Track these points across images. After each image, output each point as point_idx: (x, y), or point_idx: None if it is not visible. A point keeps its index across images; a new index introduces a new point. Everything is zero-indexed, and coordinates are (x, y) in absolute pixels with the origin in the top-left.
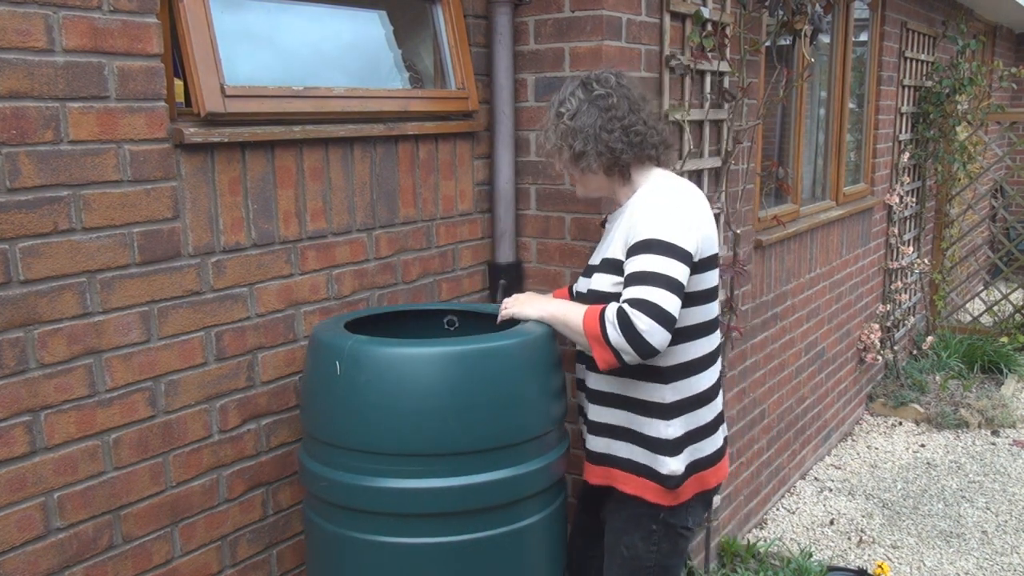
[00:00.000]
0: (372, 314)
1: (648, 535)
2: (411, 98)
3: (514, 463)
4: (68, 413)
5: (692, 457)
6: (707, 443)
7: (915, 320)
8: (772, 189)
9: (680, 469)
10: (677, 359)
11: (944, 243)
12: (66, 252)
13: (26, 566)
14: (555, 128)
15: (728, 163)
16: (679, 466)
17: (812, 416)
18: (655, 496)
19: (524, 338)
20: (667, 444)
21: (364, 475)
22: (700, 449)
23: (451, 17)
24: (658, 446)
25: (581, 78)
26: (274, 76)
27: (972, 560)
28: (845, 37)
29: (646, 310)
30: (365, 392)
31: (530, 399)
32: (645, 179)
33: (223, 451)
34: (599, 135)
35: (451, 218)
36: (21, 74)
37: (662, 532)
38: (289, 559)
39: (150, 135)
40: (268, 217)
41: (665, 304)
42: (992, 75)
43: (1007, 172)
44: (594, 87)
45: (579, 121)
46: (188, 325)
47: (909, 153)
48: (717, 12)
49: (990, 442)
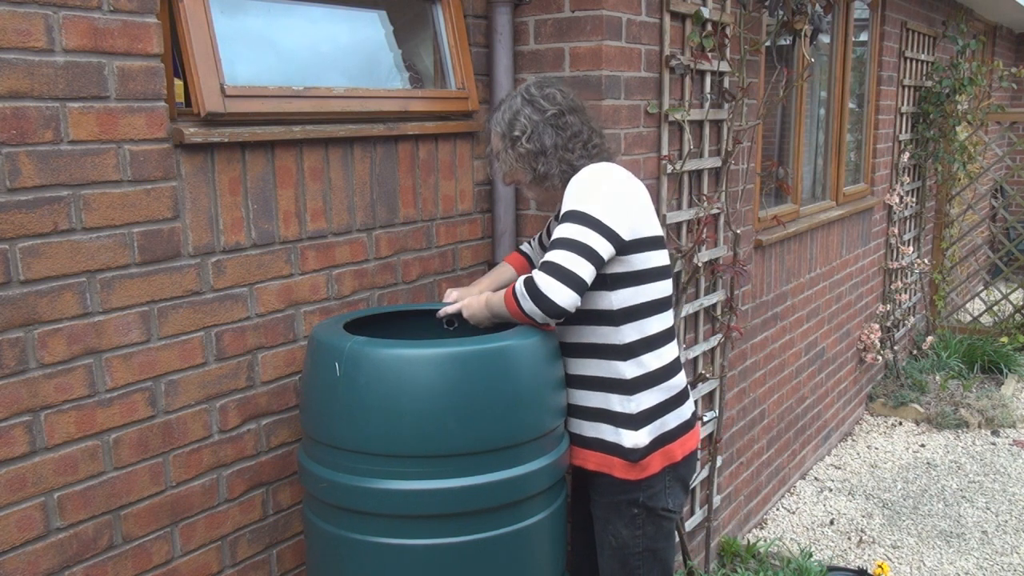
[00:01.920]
0: (371, 314)
1: (631, 520)
2: (411, 98)
3: (515, 463)
4: (68, 413)
5: (657, 432)
6: (671, 416)
7: (915, 320)
8: (772, 189)
9: (644, 442)
10: (635, 335)
11: (944, 243)
12: (66, 252)
13: (26, 566)
14: (512, 151)
15: (728, 163)
16: (643, 439)
17: (812, 416)
18: (621, 472)
19: (523, 339)
20: (630, 419)
21: (364, 476)
22: (665, 423)
23: (451, 17)
24: (622, 421)
25: (523, 95)
26: (274, 76)
27: (972, 560)
28: (845, 37)
29: (551, 271)
30: (364, 393)
31: (530, 399)
32: None
33: (223, 451)
34: (562, 156)
35: (451, 218)
36: (21, 74)
37: (643, 516)
38: (289, 559)
39: (150, 135)
40: (268, 217)
41: (571, 266)
42: (992, 75)
43: (1007, 172)
44: (544, 105)
45: (537, 143)
46: (188, 325)
47: (909, 153)
48: (717, 12)
49: (990, 442)
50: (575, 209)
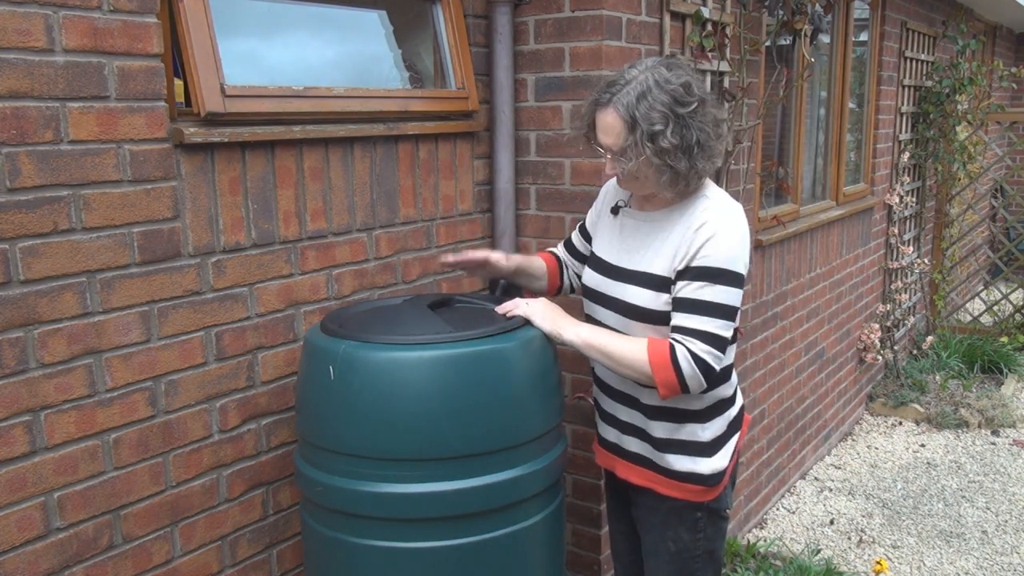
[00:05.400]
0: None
1: (693, 524)
2: (411, 98)
3: (511, 466)
4: (68, 413)
5: (729, 451)
6: (736, 432)
7: (915, 320)
8: (772, 189)
9: (722, 466)
10: None
11: (944, 243)
12: (66, 252)
13: (26, 566)
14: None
15: (728, 163)
16: (721, 463)
17: (812, 416)
18: (698, 496)
19: (519, 340)
20: (706, 446)
21: (360, 480)
22: (733, 440)
23: (451, 17)
24: (696, 449)
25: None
26: (274, 76)
27: (972, 560)
28: (845, 37)
29: (717, 345)
30: (359, 397)
31: (526, 401)
32: (700, 189)
33: (223, 451)
34: (694, 162)
35: (451, 218)
36: (21, 74)
37: (706, 519)
38: (289, 559)
39: (150, 135)
40: (268, 217)
41: (727, 333)
42: (992, 75)
43: (1007, 172)
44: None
45: (676, 141)
46: (188, 325)
47: (909, 153)
48: (717, 12)
49: (990, 442)
50: (729, 269)
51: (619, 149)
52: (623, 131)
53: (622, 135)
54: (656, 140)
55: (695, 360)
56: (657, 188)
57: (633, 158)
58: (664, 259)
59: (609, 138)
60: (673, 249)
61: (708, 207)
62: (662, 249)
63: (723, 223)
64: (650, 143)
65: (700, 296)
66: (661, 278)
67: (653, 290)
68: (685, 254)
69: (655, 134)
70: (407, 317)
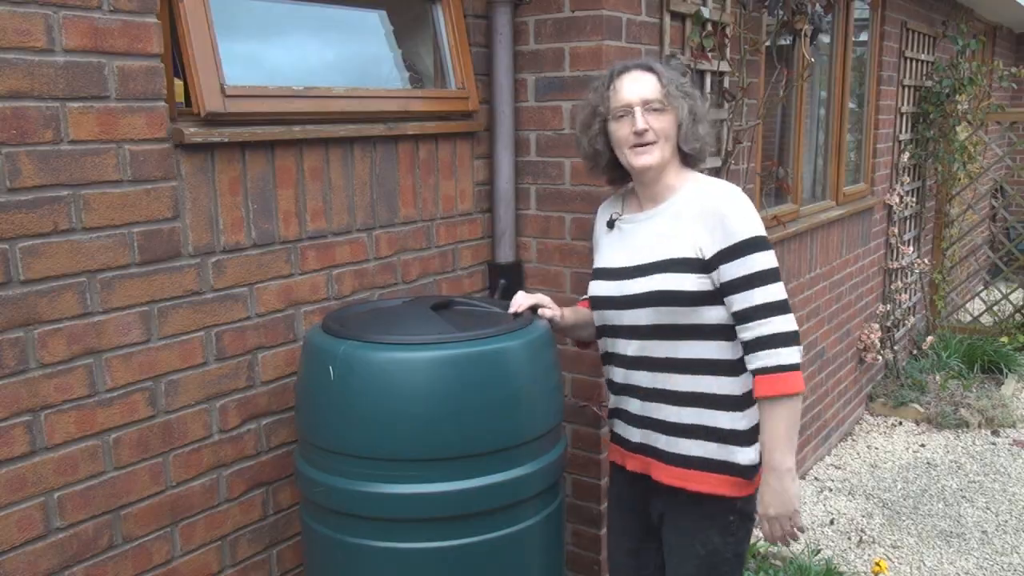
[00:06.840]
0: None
1: (725, 527)
2: (411, 98)
3: (511, 466)
4: (68, 413)
5: None
6: None
7: (915, 320)
8: (772, 189)
9: (757, 457)
10: None
11: (944, 243)
12: (66, 252)
13: (26, 566)
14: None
15: (728, 163)
16: (756, 454)
17: (812, 416)
18: (733, 490)
19: (519, 340)
20: (741, 435)
21: (360, 480)
22: None
23: (451, 17)
24: (732, 438)
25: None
26: (274, 76)
27: (972, 560)
28: (845, 37)
29: (784, 310)
30: (358, 397)
31: (526, 401)
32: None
33: (223, 451)
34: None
35: (451, 218)
36: (21, 74)
37: (738, 522)
38: (289, 559)
39: (150, 135)
40: (268, 217)
41: (784, 295)
42: (992, 75)
43: (1007, 172)
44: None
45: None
46: (188, 325)
47: (909, 153)
48: (717, 12)
49: (990, 442)
50: (758, 236)
51: (660, 96)
52: (656, 83)
53: (656, 86)
54: (683, 86)
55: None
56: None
57: (668, 104)
58: (685, 243)
59: (646, 89)
60: (692, 232)
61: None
62: (681, 233)
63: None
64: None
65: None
66: (688, 260)
67: (684, 272)
68: (711, 238)
69: (682, 82)
70: (407, 317)
